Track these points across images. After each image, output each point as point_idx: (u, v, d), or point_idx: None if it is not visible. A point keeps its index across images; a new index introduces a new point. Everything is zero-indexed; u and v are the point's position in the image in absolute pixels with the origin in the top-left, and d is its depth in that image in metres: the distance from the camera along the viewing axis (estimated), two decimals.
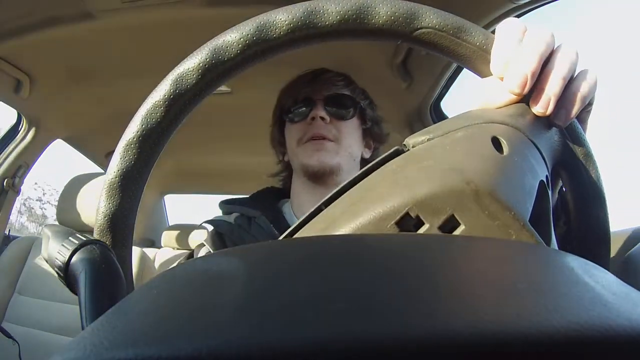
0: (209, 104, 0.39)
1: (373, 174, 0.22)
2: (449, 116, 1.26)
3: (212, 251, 0.66)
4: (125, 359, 0.10)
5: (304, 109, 0.71)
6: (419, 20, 0.26)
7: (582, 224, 0.28)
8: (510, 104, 0.26)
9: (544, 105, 0.25)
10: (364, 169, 0.23)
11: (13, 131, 1.44)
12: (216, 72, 0.26)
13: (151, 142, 0.27)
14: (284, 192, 0.78)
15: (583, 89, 0.26)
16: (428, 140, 0.23)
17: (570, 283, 0.13)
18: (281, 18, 0.25)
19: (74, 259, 0.24)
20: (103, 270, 0.24)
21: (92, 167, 1.84)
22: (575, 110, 0.26)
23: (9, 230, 1.60)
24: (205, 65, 0.26)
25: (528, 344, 0.10)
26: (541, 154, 0.24)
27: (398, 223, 0.19)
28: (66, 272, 0.24)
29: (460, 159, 0.20)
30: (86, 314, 0.22)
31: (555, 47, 0.26)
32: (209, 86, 0.27)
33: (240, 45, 0.26)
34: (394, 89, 1.15)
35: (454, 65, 1.03)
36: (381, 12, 0.25)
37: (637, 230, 0.56)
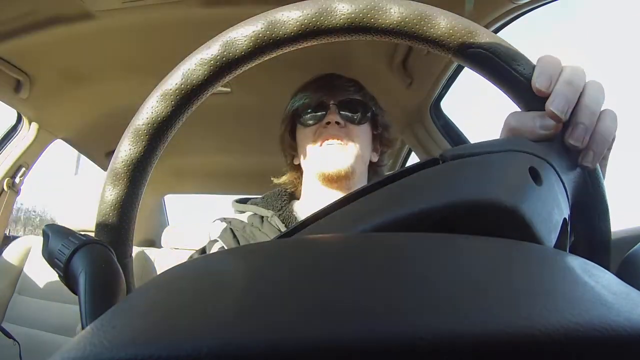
0: (209, 103, 0.39)
1: (410, 176, 0.22)
2: (449, 116, 1.27)
3: (225, 247, 0.67)
4: (125, 359, 0.10)
5: (318, 113, 0.72)
6: (475, 39, 0.26)
7: None
8: (543, 140, 0.26)
9: (579, 138, 0.25)
10: (400, 170, 0.23)
11: (13, 131, 1.44)
12: (268, 44, 0.27)
13: (188, 96, 0.27)
14: (295, 194, 0.79)
15: (609, 128, 0.26)
16: (467, 155, 0.23)
17: (570, 283, 0.13)
18: (344, 6, 0.26)
19: (73, 258, 0.24)
20: (103, 270, 0.24)
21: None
22: (602, 150, 0.26)
23: (9, 230, 1.60)
24: (259, 34, 0.26)
25: (528, 343, 0.10)
26: (566, 193, 0.24)
27: (434, 224, 0.19)
28: (66, 272, 0.24)
29: (501, 180, 0.21)
30: (86, 314, 0.22)
31: (586, 82, 0.27)
32: (257, 56, 0.27)
33: (298, 24, 0.26)
34: (394, 89, 1.15)
35: (454, 65, 1.03)
36: (441, 24, 0.26)
37: (637, 230, 0.56)
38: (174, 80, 0.27)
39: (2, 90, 1.22)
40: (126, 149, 0.28)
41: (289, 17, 0.26)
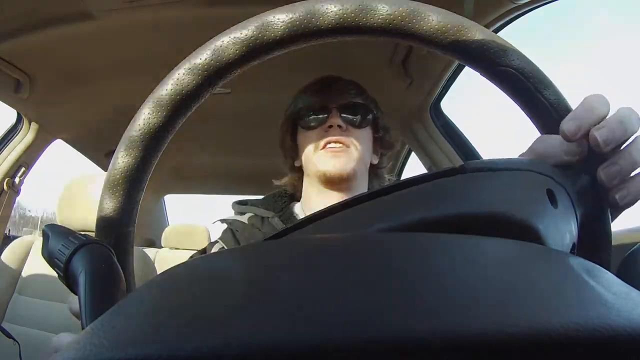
0: (209, 104, 0.39)
1: (430, 182, 0.23)
2: (449, 116, 1.27)
3: (225, 247, 0.67)
4: (125, 359, 0.10)
5: (320, 116, 0.72)
6: (506, 57, 0.27)
7: None
8: (564, 165, 0.26)
9: (610, 176, 0.25)
10: (421, 175, 0.23)
11: (13, 131, 1.44)
12: (305, 32, 0.27)
13: (216, 73, 0.27)
14: (295, 195, 0.80)
15: None
16: (488, 169, 0.23)
17: (571, 283, 0.13)
18: (384, 7, 0.26)
19: (73, 258, 0.24)
20: (103, 270, 0.24)
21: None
22: (636, 196, 0.26)
23: (9, 230, 1.60)
24: (297, 21, 0.26)
25: (528, 343, 0.10)
26: (577, 222, 0.25)
27: (455, 229, 0.19)
28: (66, 272, 0.24)
29: (519, 196, 0.21)
30: (86, 314, 0.22)
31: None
32: (292, 43, 0.27)
33: (337, 17, 0.26)
34: (394, 89, 1.15)
35: (454, 65, 1.03)
36: (476, 37, 0.27)
37: (637, 230, 0.56)
38: (204, 56, 0.27)
39: (2, 90, 1.22)
40: (145, 117, 0.27)
41: (329, 9, 0.26)
